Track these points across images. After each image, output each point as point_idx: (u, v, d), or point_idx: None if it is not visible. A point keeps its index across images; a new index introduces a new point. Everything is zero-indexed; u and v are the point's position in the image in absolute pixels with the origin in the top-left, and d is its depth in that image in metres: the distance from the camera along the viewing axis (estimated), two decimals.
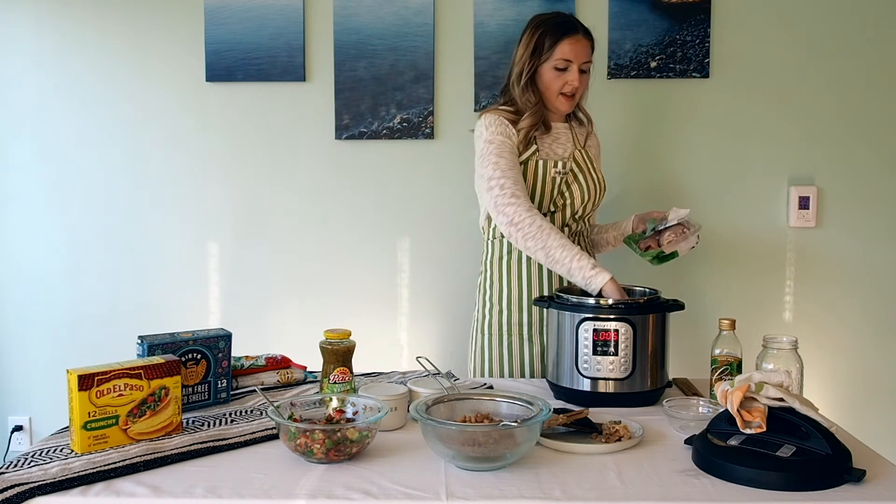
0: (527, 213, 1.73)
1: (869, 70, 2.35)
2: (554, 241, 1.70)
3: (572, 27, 1.86)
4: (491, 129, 1.85)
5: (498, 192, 1.76)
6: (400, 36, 2.36)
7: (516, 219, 1.73)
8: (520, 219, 1.73)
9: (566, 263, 1.68)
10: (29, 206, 2.47)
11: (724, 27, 2.34)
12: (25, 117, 2.45)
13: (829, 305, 2.40)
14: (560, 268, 1.69)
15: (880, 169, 2.37)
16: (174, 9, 2.39)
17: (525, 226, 1.72)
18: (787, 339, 1.43)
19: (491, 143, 1.83)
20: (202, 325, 2.36)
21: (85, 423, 1.23)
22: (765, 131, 2.37)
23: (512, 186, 1.76)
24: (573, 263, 1.67)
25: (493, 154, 1.81)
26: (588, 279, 1.64)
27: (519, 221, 1.73)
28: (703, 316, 2.26)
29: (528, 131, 1.85)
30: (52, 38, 2.42)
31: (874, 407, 2.41)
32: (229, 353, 1.53)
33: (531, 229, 1.72)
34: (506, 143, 1.83)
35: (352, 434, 1.19)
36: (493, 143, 1.83)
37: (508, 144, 1.83)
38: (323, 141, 2.41)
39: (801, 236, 2.39)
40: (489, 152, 1.82)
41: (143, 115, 2.43)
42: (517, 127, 1.85)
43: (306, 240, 2.45)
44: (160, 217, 2.46)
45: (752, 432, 1.16)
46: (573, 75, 1.85)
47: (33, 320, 2.50)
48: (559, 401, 1.56)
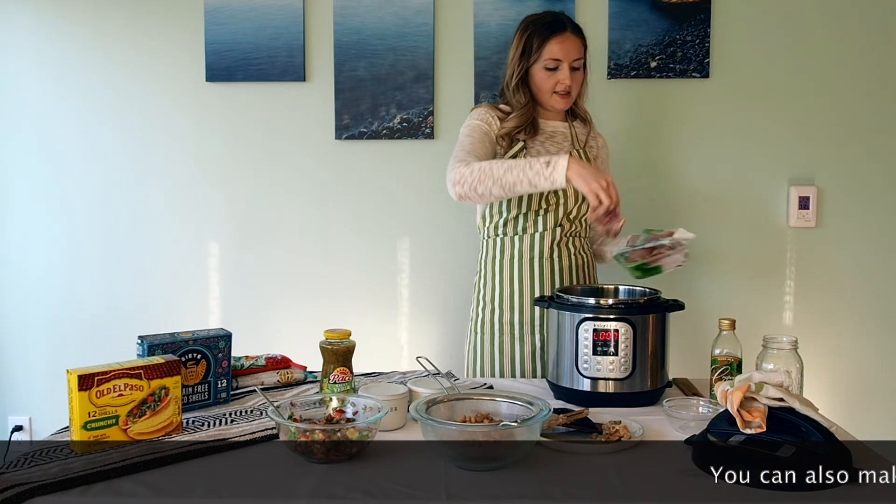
0: (465, 167, 1.72)
1: (869, 70, 2.34)
2: (498, 170, 1.68)
3: (559, 26, 1.84)
4: (472, 116, 1.89)
5: (448, 168, 1.76)
6: (400, 36, 2.36)
7: (456, 177, 1.72)
8: (459, 176, 1.72)
9: (521, 176, 1.65)
10: (29, 207, 2.47)
11: (724, 27, 2.34)
12: (25, 117, 2.44)
13: (829, 305, 2.40)
14: (521, 188, 1.67)
15: (880, 169, 2.37)
16: (174, 9, 2.39)
17: (466, 177, 1.71)
18: (787, 339, 1.43)
19: (467, 126, 1.87)
20: (202, 325, 2.34)
21: (85, 423, 1.23)
22: (765, 131, 2.37)
23: (463, 156, 1.76)
24: (528, 173, 1.64)
25: (463, 135, 1.85)
26: (550, 177, 1.62)
27: (459, 179, 1.72)
28: (703, 316, 2.25)
29: (511, 130, 1.85)
30: (52, 38, 2.42)
31: (874, 407, 2.41)
32: (229, 353, 1.53)
33: (472, 176, 1.70)
34: (480, 127, 1.85)
35: (352, 434, 1.19)
36: (467, 127, 1.87)
37: (483, 128, 1.85)
38: (323, 141, 2.41)
39: (801, 236, 2.39)
40: (461, 135, 1.85)
41: (143, 115, 2.43)
42: (503, 124, 1.86)
43: (306, 240, 2.45)
44: (160, 217, 2.45)
45: (752, 432, 1.16)
46: (564, 74, 1.84)
47: (33, 320, 2.50)
48: (559, 401, 1.56)
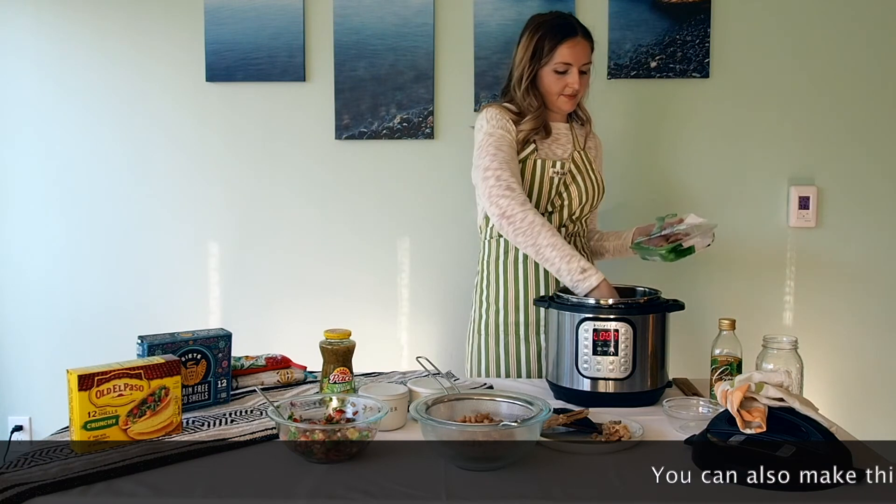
0: (520, 207, 1.71)
1: (869, 70, 2.34)
2: (544, 240, 1.68)
3: (571, 30, 1.84)
4: (492, 122, 1.84)
5: (493, 183, 1.74)
6: (400, 36, 2.36)
7: (509, 212, 1.71)
8: (512, 212, 1.71)
9: (556, 263, 1.66)
10: (29, 207, 2.47)
11: (724, 27, 2.34)
12: (25, 117, 2.44)
13: (829, 305, 2.40)
14: (550, 267, 1.68)
15: (880, 169, 2.37)
16: (174, 9, 2.39)
17: (517, 220, 1.70)
18: (787, 339, 1.43)
19: (491, 135, 1.82)
20: (202, 325, 2.35)
21: (85, 423, 1.23)
22: (765, 131, 2.37)
23: (508, 179, 1.74)
24: (563, 264, 1.65)
25: (492, 146, 1.80)
26: (576, 282, 1.63)
27: (511, 215, 1.71)
28: (703, 316, 2.25)
29: (527, 134, 1.84)
30: (52, 38, 2.41)
31: (874, 407, 2.41)
32: (229, 353, 1.53)
33: (522, 224, 1.70)
34: (505, 138, 1.82)
35: (352, 434, 1.19)
36: (492, 136, 1.81)
37: (508, 139, 1.82)
38: (323, 141, 2.41)
39: (801, 236, 2.39)
40: (488, 144, 1.80)
41: (143, 115, 2.43)
42: (518, 128, 1.85)
43: (306, 240, 2.45)
44: (160, 217, 2.45)
45: (752, 432, 1.16)
46: (573, 78, 1.84)
47: (33, 320, 2.49)
48: (559, 401, 1.56)
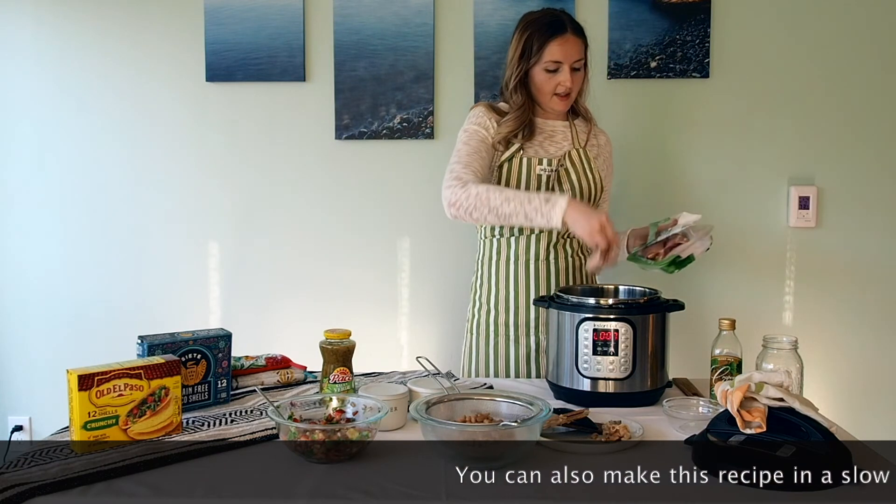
0: (461, 189, 1.67)
1: (869, 70, 2.34)
2: (496, 200, 1.63)
3: (560, 27, 1.80)
4: (471, 119, 1.85)
5: (445, 178, 1.73)
6: (400, 36, 2.36)
7: (452, 198, 1.68)
8: (455, 198, 1.67)
9: (519, 211, 1.61)
10: (29, 206, 2.47)
11: (724, 27, 2.34)
12: (25, 117, 2.44)
13: (829, 305, 2.40)
14: (516, 219, 1.63)
15: (880, 169, 2.37)
16: (174, 9, 2.39)
17: (462, 200, 1.66)
18: (787, 339, 1.43)
19: (465, 131, 1.83)
20: (202, 325, 2.34)
21: (85, 423, 1.23)
22: (765, 131, 2.37)
23: (459, 171, 1.71)
24: (526, 208, 1.60)
25: (460, 142, 1.81)
26: (547, 214, 1.58)
27: (455, 200, 1.68)
28: (703, 316, 2.25)
29: (506, 135, 1.82)
30: (52, 38, 2.41)
31: (874, 407, 2.41)
32: (229, 353, 1.53)
33: (468, 201, 1.66)
34: (478, 133, 1.82)
35: (352, 434, 1.19)
36: (465, 132, 1.83)
37: (480, 134, 1.82)
38: (323, 141, 2.41)
39: (801, 236, 2.39)
40: (458, 141, 1.82)
41: (143, 115, 2.43)
42: (499, 128, 1.83)
43: (306, 240, 2.45)
44: (160, 217, 2.45)
45: (752, 432, 1.16)
46: (565, 76, 1.81)
47: (33, 320, 2.49)
48: (559, 401, 1.56)
